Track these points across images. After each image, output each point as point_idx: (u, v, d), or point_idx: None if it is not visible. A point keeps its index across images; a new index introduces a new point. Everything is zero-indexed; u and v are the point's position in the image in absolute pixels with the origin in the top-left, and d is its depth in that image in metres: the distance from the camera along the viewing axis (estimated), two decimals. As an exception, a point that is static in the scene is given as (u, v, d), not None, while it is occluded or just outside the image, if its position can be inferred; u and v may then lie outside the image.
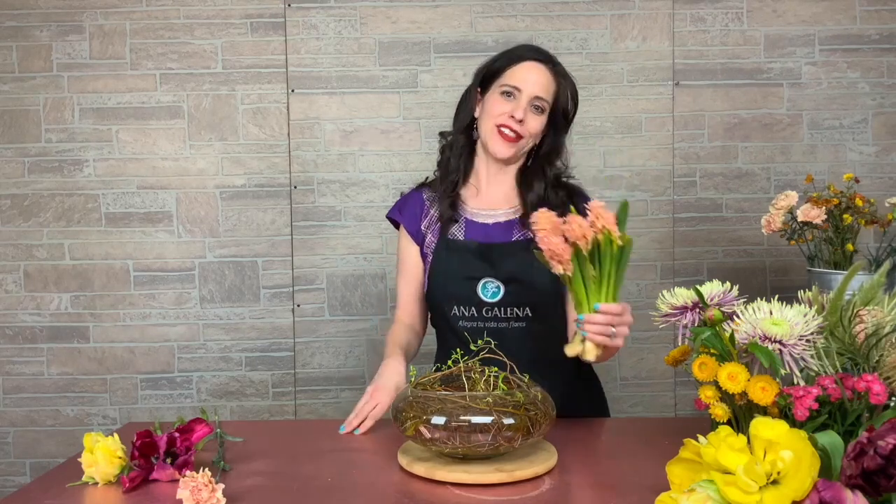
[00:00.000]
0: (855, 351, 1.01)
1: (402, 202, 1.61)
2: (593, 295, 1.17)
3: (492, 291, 1.47)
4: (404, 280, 1.57)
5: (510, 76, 1.46)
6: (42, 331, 2.29)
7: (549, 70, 1.47)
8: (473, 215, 1.54)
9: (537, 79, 1.45)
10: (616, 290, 1.17)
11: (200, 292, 2.30)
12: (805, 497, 0.73)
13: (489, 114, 1.47)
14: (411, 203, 1.59)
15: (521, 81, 1.45)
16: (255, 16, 2.27)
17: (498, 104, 1.46)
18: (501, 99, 1.46)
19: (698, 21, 2.30)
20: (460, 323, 1.49)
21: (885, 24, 2.30)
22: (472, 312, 1.47)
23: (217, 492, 0.97)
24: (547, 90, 1.46)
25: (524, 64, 1.46)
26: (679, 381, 2.34)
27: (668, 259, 2.33)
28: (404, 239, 1.58)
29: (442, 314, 1.52)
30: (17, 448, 2.31)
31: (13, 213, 2.28)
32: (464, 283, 1.48)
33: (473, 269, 1.48)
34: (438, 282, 1.51)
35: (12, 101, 2.26)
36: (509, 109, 1.44)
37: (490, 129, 1.47)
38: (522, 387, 1.13)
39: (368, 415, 1.35)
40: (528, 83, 1.44)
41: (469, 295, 1.47)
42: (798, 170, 2.30)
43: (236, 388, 2.31)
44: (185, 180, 2.29)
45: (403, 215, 1.59)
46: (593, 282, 1.16)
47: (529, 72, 1.45)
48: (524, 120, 1.44)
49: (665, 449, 1.12)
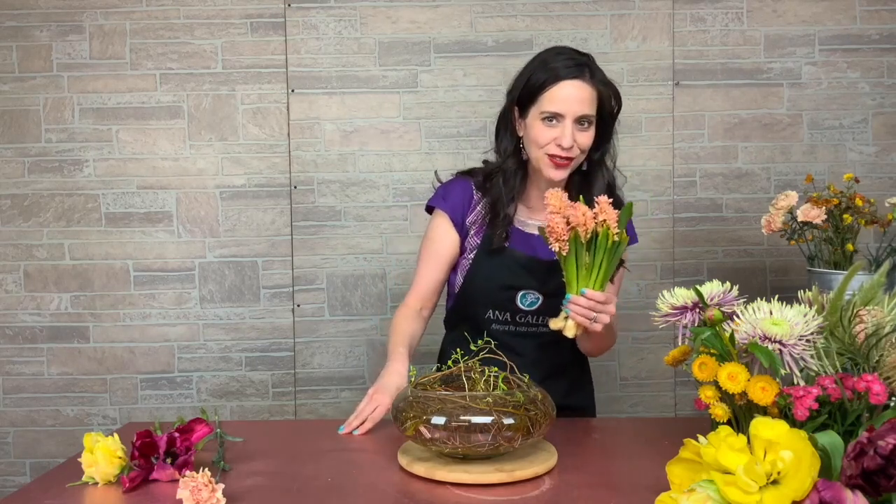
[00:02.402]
0: (855, 351, 1.01)
1: (445, 190, 1.55)
2: (583, 279, 1.26)
3: (530, 301, 1.48)
4: (432, 264, 1.52)
5: (549, 101, 1.39)
6: (42, 331, 2.29)
7: (587, 83, 1.40)
8: (522, 225, 1.52)
9: (578, 97, 1.39)
10: (604, 281, 1.27)
11: (200, 292, 2.30)
12: (805, 497, 0.74)
13: (535, 142, 1.42)
14: (458, 191, 1.53)
15: (561, 106, 1.38)
16: (255, 16, 2.27)
17: (542, 132, 1.40)
18: (545, 126, 1.40)
19: (698, 21, 2.30)
20: (492, 326, 1.49)
21: (885, 24, 2.29)
22: (506, 317, 1.49)
23: (217, 492, 0.97)
24: (590, 105, 1.40)
25: (562, 84, 1.38)
26: (679, 381, 2.34)
27: (668, 259, 2.33)
28: (444, 226, 1.52)
29: (471, 313, 1.52)
30: (17, 448, 2.31)
31: (13, 213, 2.28)
32: (504, 291, 1.48)
33: (516, 280, 1.47)
34: (477, 284, 1.49)
35: (12, 101, 2.26)
36: (555, 136, 1.39)
37: (540, 157, 1.42)
38: (522, 387, 1.13)
39: (368, 417, 1.35)
40: (570, 104, 1.38)
41: (507, 302, 1.48)
42: (798, 170, 2.30)
43: (236, 388, 2.31)
44: (185, 180, 2.29)
45: (447, 202, 1.53)
46: (585, 268, 1.26)
47: (569, 93, 1.38)
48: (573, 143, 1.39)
49: (665, 449, 1.13)
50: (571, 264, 1.26)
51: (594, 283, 1.26)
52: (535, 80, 1.41)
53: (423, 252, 1.55)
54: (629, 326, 2.32)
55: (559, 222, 1.24)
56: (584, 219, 1.23)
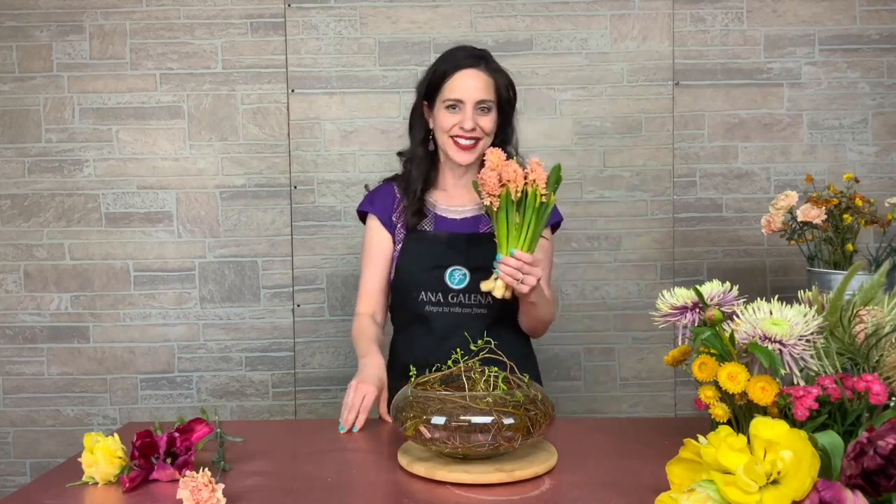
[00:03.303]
0: (855, 351, 1.01)
1: (372, 195, 1.69)
2: (513, 240, 1.36)
3: (458, 278, 1.56)
4: (372, 269, 1.63)
5: (449, 89, 1.52)
6: (42, 331, 2.29)
7: (482, 71, 1.53)
8: (442, 212, 1.62)
9: (475, 84, 1.52)
10: (532, 242, 1.36)
11: (200, 292, 2.30)
12: (805, 497, 0.73)
13: (441, 128, 1.55)
14: (382, 194, 1.67)
15: (460, 92, 1.52)
16: (255, 16, 2.27)
17: (446, 118, 1.53)
18: (448, 112, 1.53)
19: (698, 21, 2.30)
20: (426, 308, 1.56)
21: (885, 24, 2.29)
22: (438, 298, 1.55)
23: (217, 492, 0.97)
24: (487, 90, 1.53)
25: (459, 74, 1.52)
26: (679, 381, 2.34)
27: (668, 259, 2.33)
28: (375, 228, 1.64)
29: (408, 299, 1.59)
30: (17, 448, 2.31)
31: (13, 213, 2.28)
32: (433, 271, 1.56)
33: (442, 258, 1.56)
34: (407, 268, 1.58)
35: (12, 101, 2.26)
36: (458, 121, 1.52)
37: (446, 141, 1.56)
38: (522, 387, 1.13)
39: (360, 407, 1.37)
40: (467, 91, 1.51)
41: (437, 281, 1.55)
42: (798, 170, 2.30)
43: (236, 388, 2.31)
44: (185, 180, 2.29)
45: (375, 205, 1.65)
46: (514, 228, 1.36)
47: (466, 80, 1.52)
48: (475, 126, 1.51)
49: (665, 449, 1.12)
50: (502, 222, 1.36)
51: (523, 242, 1.36)
52: (437, 73, 1.55)
53: (363, 258, 1.66)
54: (629, 326, 2.32)
55: (491, 176, 1.36)
56: (514, 175, 1.34)
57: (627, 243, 2.32)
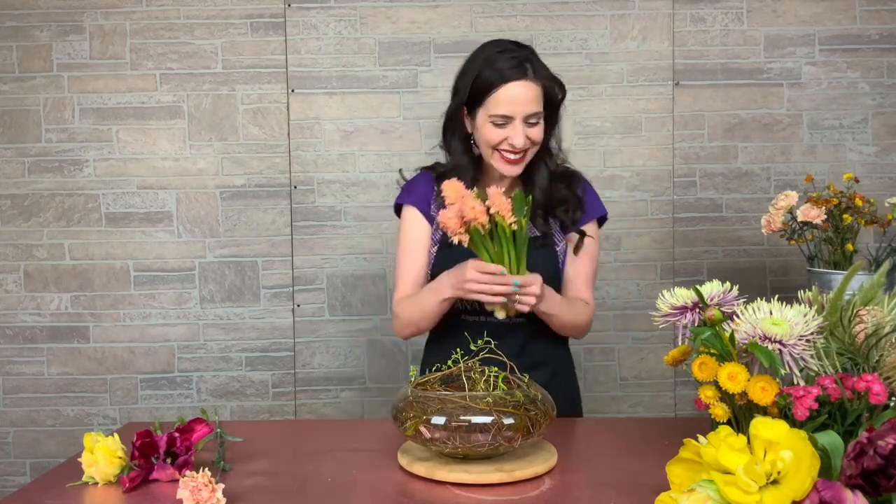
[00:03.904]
0: (855, 351, 1.01)
1: (409, 185, 1.57)
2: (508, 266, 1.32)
3: None
4: (410, 260, 1.53)
5: (495, 104, 1.39)
6: (42, 331, 2.29)
7: (532, 82, 1.40)
8: None
9: (525, 97, 1.39)
10: (521, 266, 1.32)
11: (200, 292, 2.30)
12: (805, 497, 0.74)
13: (485, 141, 1.43)
14: (420, 184, 1.55)
15: (508, 108, 1.38)
16: (255, 16, 2.27)
17: (492, 133, 1.41)
18: (494, 128, 1.41)
19: (698, 21, 2.30)
20: (462, 316, 1.49)
21: (885, 24, 2.29)
22: (475, 306, 1.46)
23: (217, 492, 0.97)
24: (537, 102, 1.41)
25: (508, 87, 1.38)
26: (679, 381, 2.34)
27: (668, 259, 2.33)
28: (414, 218, 1.54)
29: None
30: (17, 448, 2.31)
31: (13, 213, 2.28)
32: None
33: None
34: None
35: (12, 101, 2.26)
36: (506, 136, 1.40)
37: (491, 154, 1.44)
38: (522, 387, 1.13)
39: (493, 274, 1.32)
40: (517, 106, 1.39)
41: None
42: (798, 170, 2.30)
43: (236, 388, 2.31)
44: (185, 180, 2.29)
45: (412, 195, 1.54)
46: (496, 256, 1.32)
47: (516, 94, 1.38)
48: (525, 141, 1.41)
49: (665, 449, 1.12)
50: (483, 254, 1.33)
51: (510, 270, 1.31)
52: (480, 83, 1.41)
53: (401, 248, 1.55)
54: (629, 326, 2.32)
55: (451, 218, 1.28)
56: (473, 213, 1.27)
57: (627, 243, 2.32)
